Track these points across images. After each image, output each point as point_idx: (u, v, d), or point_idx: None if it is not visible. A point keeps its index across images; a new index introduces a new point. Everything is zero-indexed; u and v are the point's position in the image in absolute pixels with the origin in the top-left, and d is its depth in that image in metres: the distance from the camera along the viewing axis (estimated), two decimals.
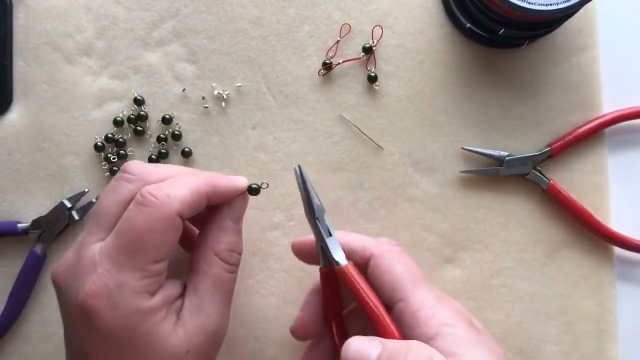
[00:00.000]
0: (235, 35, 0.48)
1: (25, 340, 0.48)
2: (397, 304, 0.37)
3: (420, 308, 0.36)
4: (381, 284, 0.38)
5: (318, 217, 0.39)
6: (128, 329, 0.35)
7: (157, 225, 0.35)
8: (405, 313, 0.37)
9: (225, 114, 0.48)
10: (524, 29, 0.43)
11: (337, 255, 0.39)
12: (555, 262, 0.47)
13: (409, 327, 0.36)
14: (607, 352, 0.46)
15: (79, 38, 0.48)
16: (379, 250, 0.39)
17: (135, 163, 0.39)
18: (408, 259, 0.40)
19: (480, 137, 0.48)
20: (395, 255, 0.39)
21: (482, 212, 0.47)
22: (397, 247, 0.40)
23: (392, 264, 0.38)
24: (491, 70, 0.48)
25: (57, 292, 0.38)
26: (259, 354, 0.47)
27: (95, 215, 0.38)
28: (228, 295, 0.39)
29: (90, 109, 0.48)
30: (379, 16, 0.48)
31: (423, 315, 0.36)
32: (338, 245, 0.39)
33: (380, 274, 0.38)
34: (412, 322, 0.36)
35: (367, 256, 0.39)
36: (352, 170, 0.48)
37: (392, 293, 0.38)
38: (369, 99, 0.48)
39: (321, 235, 0.39)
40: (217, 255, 0.39)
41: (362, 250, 0.40)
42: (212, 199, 0.39)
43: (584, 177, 0.47)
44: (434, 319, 0.36)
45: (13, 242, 0.48)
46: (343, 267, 0.38)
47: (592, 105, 0.47)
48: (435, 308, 0.36)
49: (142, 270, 0.35)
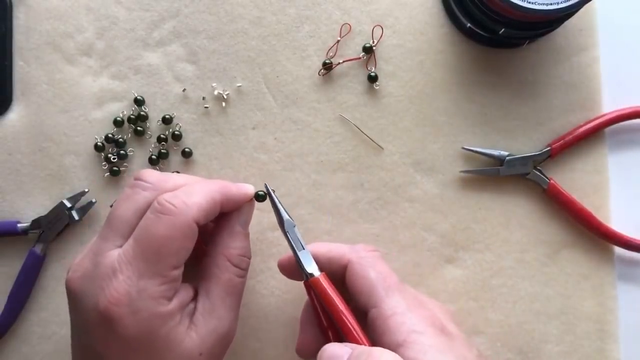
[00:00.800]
0: (235, 36, 0.48)
1: (24, 340, 0.47)
2: (370, 310, 0.38)
3: (392, 315, 0.37)
4: (357, 290, 0.39)
5: (288, 231, 0.41)
6: (147, 333, 0.36)
7: (176, 233, 0.36)
8: (377, 319, 0.38)
9: (225, 114, 0.48)
10: (524, 28, 0.43)
11: (310, 267, 0.40)
12: (556, 262, 0.47)
13: (380, 334, 0.37)
14: (608, 352, 0.46)
15: (79, 38, 0.48)
16: (355, 257, 0.40)
17: (150, 171, 0.40)
18: (383, 264, 0.41)
19: (480, 137, 0.47)
20: (370, 261, 0.40)
21: (482, 212, 0.47)
22: (372, 253, 0.41)
23: (367, 270, 0.40)
24: (491, 70, 0.48)
25: (73, 298, 0.38)
26: (259, 354, 0.47)
27: (111, 222, 0.38)
28: (238, 299, 0.41)
29: (90, 109, 0.48)
30: (379, 16, 0.48)
31: (393, 322, 0.37)
32: (310, 258, 0.40)
33: (355, 280, 0.40)
34: (383, 328, 0.37)
35: (344, 263, 0.41)
36: (353, 171, 0.48)
37: (366, 299, 0.39)
38: (369, 99, 0.48)
39: (293, 248, 0.40)
40: (229, 260, 0.40)
41: (340, 258, 0.41)
42: (225, 206, 0.40)
43: (584, 177, 0.47)
44: (403, 326, 0.37)
45: (13, 242, 0.48)
46: (315, 278, 0.39)
47: (592, 105, 0.47)
48: (404, 315, 0.37)
49: (162, 276, 0.36)
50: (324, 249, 0.41)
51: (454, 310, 0.46)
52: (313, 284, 0.39)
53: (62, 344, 0.47)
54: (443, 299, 0.47)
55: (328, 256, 0.41)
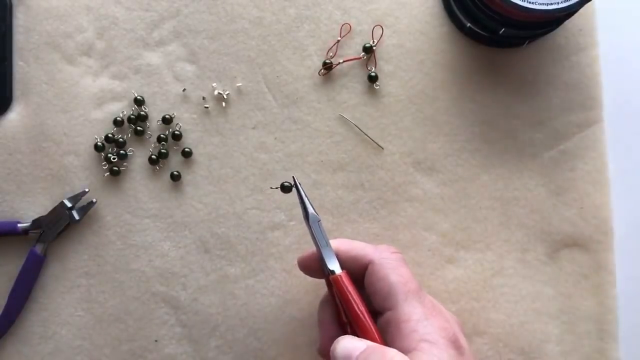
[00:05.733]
0: (235, 35, 0.48)
1: (24, 341, 0.47)
2: (386, 312, 0.38)
3: (406, 320, 0.37)
4: (375, 291, 0.39)
5: (312, 225, 0.40)
6: None
7: None
8: (391, 323, 0.38)
9: (225, 114, 0.48)
10: (524, 28, 0.43)
11: (332, 264, 0.40)
12: (556, 262, 0.47)
13: (392, 337, 0.37)
14: (608, 351, 0.46)
15: (79, 38, 0.48)
16: (377, 258, 0.40)
17: None
18: (405, 268, 0.40)
19: (480, 137, 0.47)
20: (393, 263, 0.40)
21: (482, 212, 0.47)
22: (395, 255, 0.41)
23: (388, 272, 0.39)
24: (491, 70, 0.48)
25: None
26: (259, 354, 0.47)
27: None
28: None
29: (90, 109, 0.48)
30: (380, 16, 0.48)
31: (406, 328, 0.37)
32: (333, 254, 0.40)
33: (376, 281, 0.39)
34: (395, 332, 0.37)
35: (366, 263, 0.40)
36: (353, 170, 0.48)
37: (384, 301, 0.38)
38: (370, 99, 0.48)
39: (317, 244, 0.40)
40: None
41: (362, 257, 0.40)
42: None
43: (584, 177, 0.47)
44: (415, 334, 0.36)
45: (13, 242, 0.47)
46: (336, 276, 0.39)
47: (592, 105, 0.47)
48: (419, 323, 0.37)
49: None
50: (346, 246, 0.41)
51: (455, 310, 0.47)
52: (334, 281, 0.39)
53: (62, 344, 0.47)
54: (444, 299, 0.47)
55: (350, 254, 0.41)
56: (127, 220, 0.48)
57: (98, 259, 0.48)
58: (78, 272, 0.48)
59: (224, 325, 0.47)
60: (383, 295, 0.38)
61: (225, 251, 0.47)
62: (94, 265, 0.48)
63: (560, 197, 0.47)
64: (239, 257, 0.47)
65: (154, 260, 0.48)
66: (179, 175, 0.48)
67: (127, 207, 0.48)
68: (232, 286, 0.47)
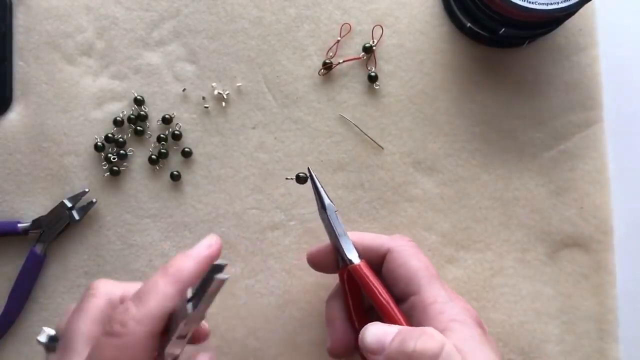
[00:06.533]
0: (235, 35, 0.48)
1: (24, 341, 0.47)
2: (410, 297, 0.38)
3: (432, 303, 0.37)
4: (396, 277, 0.39)
5: (330, 215, 0.40)
6: None
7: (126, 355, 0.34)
8: (417, 306, 0.38)
9: (225, 114, 0.48)
10: (524, 28, 0.43)
11: (350, 254, 0.40)
12: (556, 262, 0.47)
13: (419, 321, 0.37)
14: (608, 351, 0.46)
15: (79, 38, 0.48)
16: (396, 245, 0.40)
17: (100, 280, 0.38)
18: (423, 255, 0.41)
19: (480, 137, 0.47)
20: (411, 250, 0.40)
21: (482, 212, 0.47)
22: (411, 243, 0.41)
23: (409, 258, 0.39)
24: (491, 70, 0.48)
25: None
26: (259, 354, 0.47)
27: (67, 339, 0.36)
28: None
29: (90, 109, 0.48)
30: (379, 16, 0.48)
31: (434, 310, 0.37)
32: (350, 244, 0.40)
33: (396, 267, 0.39)
34: (422, 315, 0.37)
35: (383, 252, 0.40)
36: (353, 170, 0.48)
37: (406, 286, 0.39)
38: (369, 99, 0.48)
39: (334, 233, 0.40)
40: None
41: (378, 246, 0.40)
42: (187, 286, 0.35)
43: (584, 177, 0.47)
44: (444, 315, 0.36)
45: (13, 242, 0.47)
46: (356, 265, 0.39)
47: (592, 105, 0.47)
48: (446, 304, 0.37)
49: None
50: (361, 236, 0.41)
51: None
52: (354, 270, 0.39)
53: None
54: None
55: (365, 244, 0.41)
56: (127, 220, 0.48)
57: (98, 259, 0.48)
58: (78, 272, 0.48)
59: (223, 325, 0.47)
60: (406, 281, 0.39)
61: (224, 251, 0.47)
62: (94, 265, 0.48)
63: (560, 197, 0.47)
64: (238, 257, 0.47)
65: (154, 260, 0.48)
66: (178, 175, 0.48)
67: (127, 207, 0.48)
68: (231, 286, 0.47)
